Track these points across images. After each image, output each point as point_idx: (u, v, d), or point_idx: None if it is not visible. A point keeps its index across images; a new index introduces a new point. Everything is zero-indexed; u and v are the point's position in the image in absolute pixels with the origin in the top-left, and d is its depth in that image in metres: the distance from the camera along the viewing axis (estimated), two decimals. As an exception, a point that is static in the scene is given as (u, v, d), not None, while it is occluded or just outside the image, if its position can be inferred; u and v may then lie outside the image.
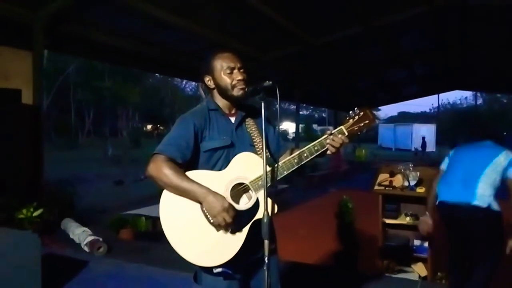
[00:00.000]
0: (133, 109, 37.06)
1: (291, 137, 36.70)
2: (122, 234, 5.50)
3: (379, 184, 4.18)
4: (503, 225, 2.92)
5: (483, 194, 2.87)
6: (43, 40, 6.20)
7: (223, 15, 7.43)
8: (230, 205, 1.60)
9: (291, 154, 1.76)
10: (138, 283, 3.68)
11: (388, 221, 4.08)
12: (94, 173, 13.86)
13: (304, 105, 42.01)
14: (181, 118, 1.77)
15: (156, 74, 39.15)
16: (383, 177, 4.20)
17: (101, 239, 4.85)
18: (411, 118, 48.06)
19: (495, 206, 2.88)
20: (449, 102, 52.21)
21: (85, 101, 33.00)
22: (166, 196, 1.64)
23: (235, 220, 1.60)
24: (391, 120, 53.52)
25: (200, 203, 1.62)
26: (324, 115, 55.45)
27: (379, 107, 42.53)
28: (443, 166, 3.23)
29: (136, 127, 39.61)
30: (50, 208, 5.98)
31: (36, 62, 6.23)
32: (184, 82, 46.25)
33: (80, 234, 5.12)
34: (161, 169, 1.60)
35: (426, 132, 34.47)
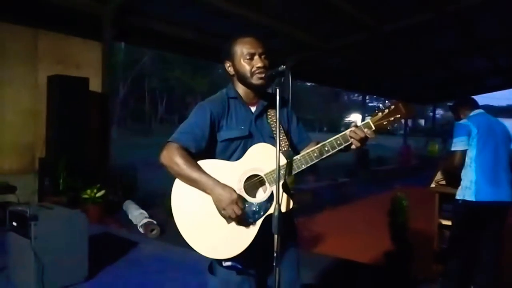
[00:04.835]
0: (201, 98, 38.04)
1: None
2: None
3: (437, 182, 3.86)
4: None
5: None
6: (112, 31, 6.57)
7: (285, 3, 7.29)
8: (240, 197, 1.54)
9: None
10: (181, 267, 3.76)
11: (445, 222, 3.76)
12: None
13: (375, 96, 40.36)
14: (198, 106, 1.72)
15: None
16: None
17: (155, 222, 5.07)
18: (493, 112, 43.99)
19: None
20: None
21: (158, 90, 34.75)
22: (178, 185, 1.62)
23: (247, 213, 1.55)
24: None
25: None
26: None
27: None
28: (463, 146, 3.03)
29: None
30: (113, 190, 6.39)
31: (105, 52, 6.62)
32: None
33: (137, 216, 5.39)
34: (172, 157, 1.58)
35: (511, 127, 31.44)
